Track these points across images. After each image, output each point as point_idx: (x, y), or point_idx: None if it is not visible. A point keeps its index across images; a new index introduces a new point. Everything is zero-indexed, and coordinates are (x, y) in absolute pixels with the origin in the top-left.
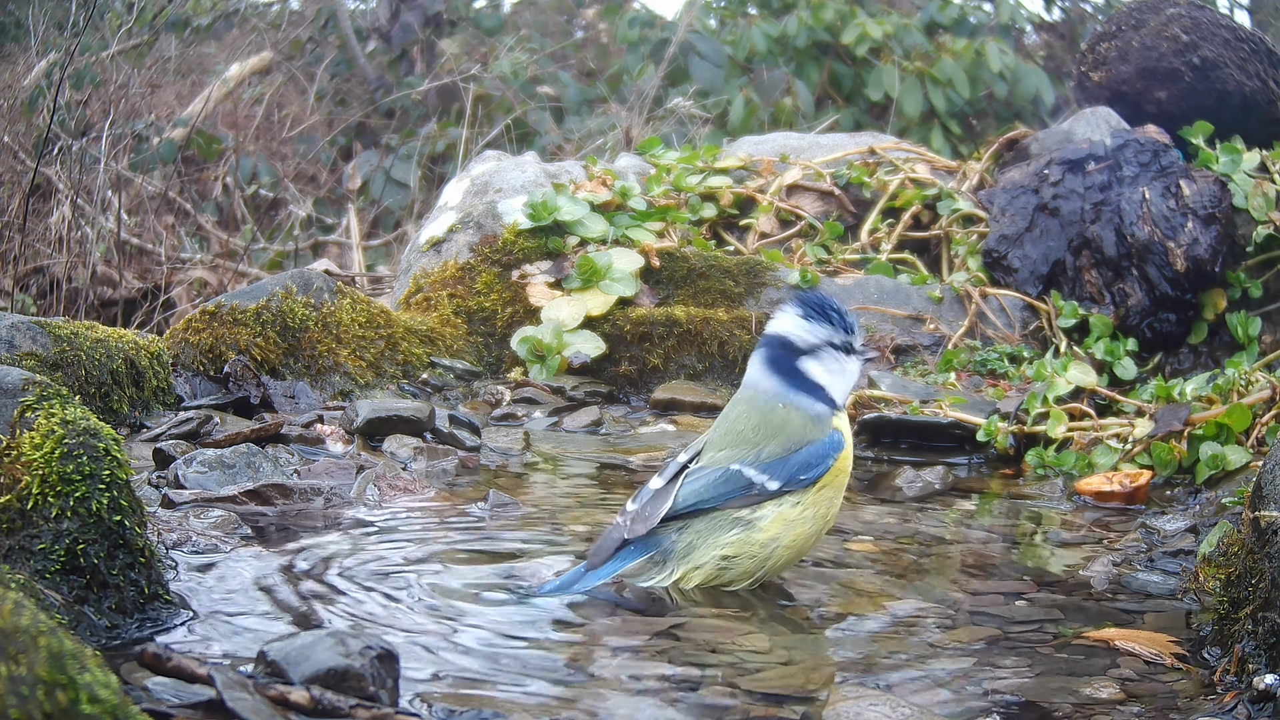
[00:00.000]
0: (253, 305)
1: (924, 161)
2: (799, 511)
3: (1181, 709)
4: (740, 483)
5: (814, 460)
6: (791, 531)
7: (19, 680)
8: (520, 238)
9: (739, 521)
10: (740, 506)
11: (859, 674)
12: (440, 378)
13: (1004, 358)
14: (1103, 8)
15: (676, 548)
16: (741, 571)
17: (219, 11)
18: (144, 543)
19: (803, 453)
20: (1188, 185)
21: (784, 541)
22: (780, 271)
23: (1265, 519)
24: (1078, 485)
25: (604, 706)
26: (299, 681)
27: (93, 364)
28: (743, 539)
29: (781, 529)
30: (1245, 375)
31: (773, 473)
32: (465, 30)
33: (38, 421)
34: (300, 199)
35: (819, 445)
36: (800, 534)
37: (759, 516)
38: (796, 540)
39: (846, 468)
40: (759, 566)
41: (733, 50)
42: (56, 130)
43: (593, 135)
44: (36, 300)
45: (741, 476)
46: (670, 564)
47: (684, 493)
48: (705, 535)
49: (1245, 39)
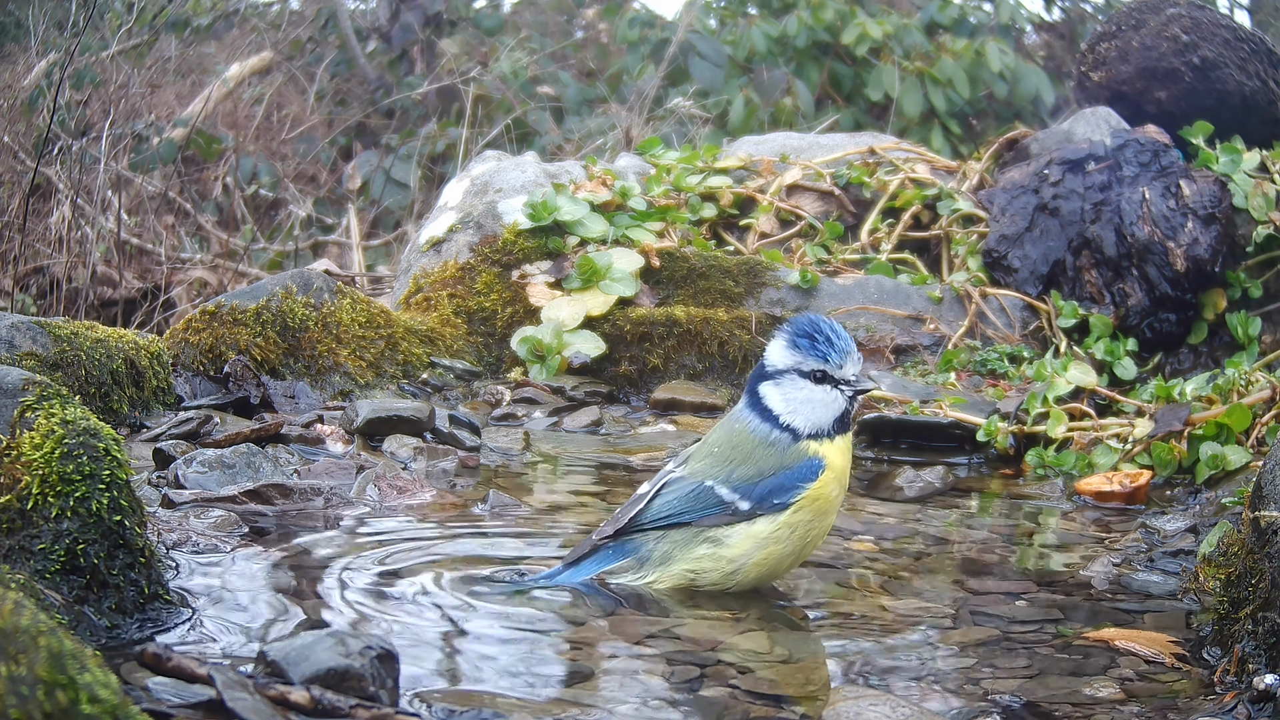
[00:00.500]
0: (253, 305)
1: (924, 161)
2: (770, 532)
3: (1181, 709)
4: (712, 499)
5: (786, 485)
6: (761, 552)
7: (19, 680)
8: (520, 238)
9: (710, 538)
10: (713, 524)
11: (859, 674)
12: (440, 378)
13: (1004, 358)
14: (1103, 8)
15: (654, 555)
16: (708, 583)
17: (219, 11)
18: (144, 543)
19: (774, 478)
20: (1188, 185)
21: (752, 560)
22: (780, 271)
23: (1265, 519)
24: (1078, 485)
25: (604, 706)
26: (299, 681)
27: (93, 364)
28: (712, 554)
29: (750, 548)
30: (1245, 375)
31: (744, 494)
32: (465, 30)
33: (38, 421)
34: (300, 199)
35: (792, 472)
36: (770, 554)
37: (728, 535)
38: (766, 560)
39: (824, 495)
40: (726, 580)
41: (733, 50)
42: (56, 130)
43: (593, 135)
44: (36, 300)
45: (713, 494)
46: (645, 568)
47: (658, 503)
48: (679, 546)
49: (1245, 39)
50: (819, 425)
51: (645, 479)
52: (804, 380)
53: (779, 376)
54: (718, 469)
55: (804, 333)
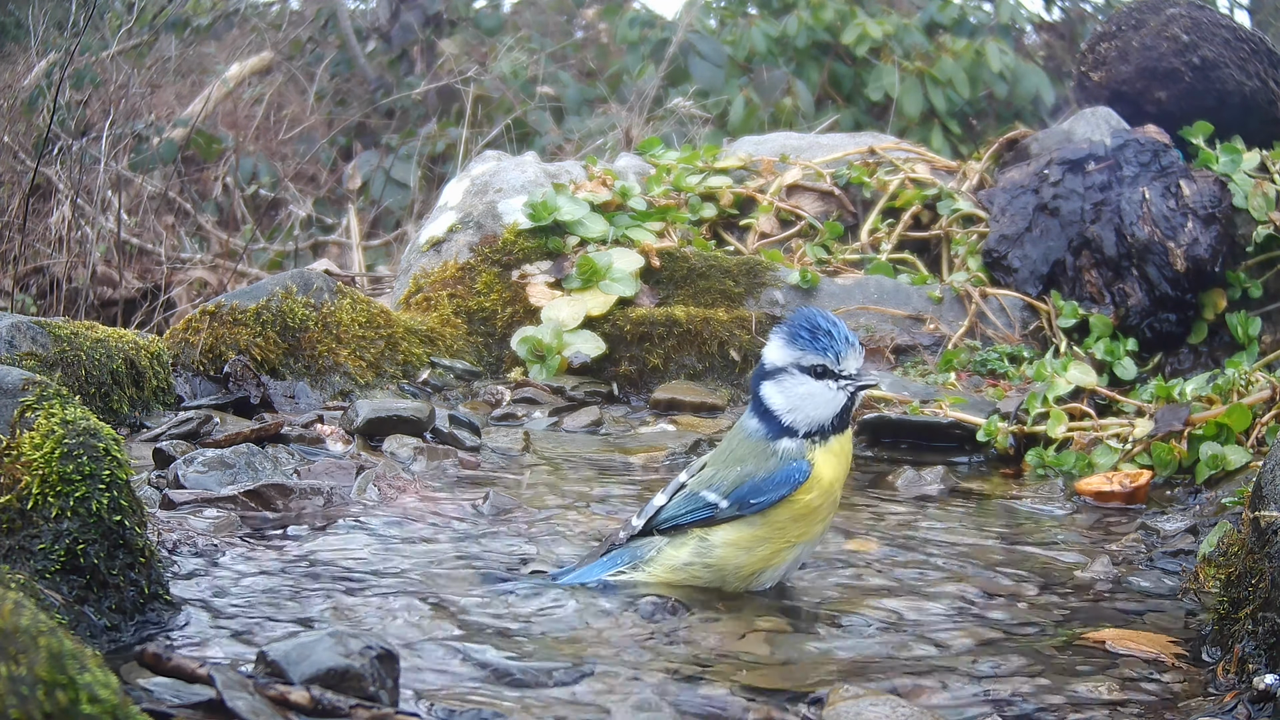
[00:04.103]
0: (253, 305)
1: (924, 161)
2: (750, 534)
3: (1181, 709)
4: (700, 503)
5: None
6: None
7: (19, 680)
8: (520, 238)
9: (698, 538)
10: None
11: (859, 674)
12: (440, 378)
13: (1004, 358)
14: (1103, 8)
15: (652, 556)
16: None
17: (219, 11)
18: (144, 543)
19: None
20: (1188, 185)
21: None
22: (780, 271)
23: (1265, 519)
24: (1078, 485)
25: (604, 706)
26: (299, 681)
27: (93, 364)
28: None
29: (729, 552)
30: (1245, 375)
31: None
32: (465, 30)
33: (38, 421)
34: (300, 199)
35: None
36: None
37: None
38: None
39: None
40: (715, 580)
41: (733, 50)
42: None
43: (593, 135)
44: (36, 300)
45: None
46: (642, 568)
47: (667, 509)
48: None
49: (1245, 39)
50: (818, 422)
51: (646, 479)
52: (804, 375)
53: (779, 374)
54: (713, 473)
55: (803, 327)
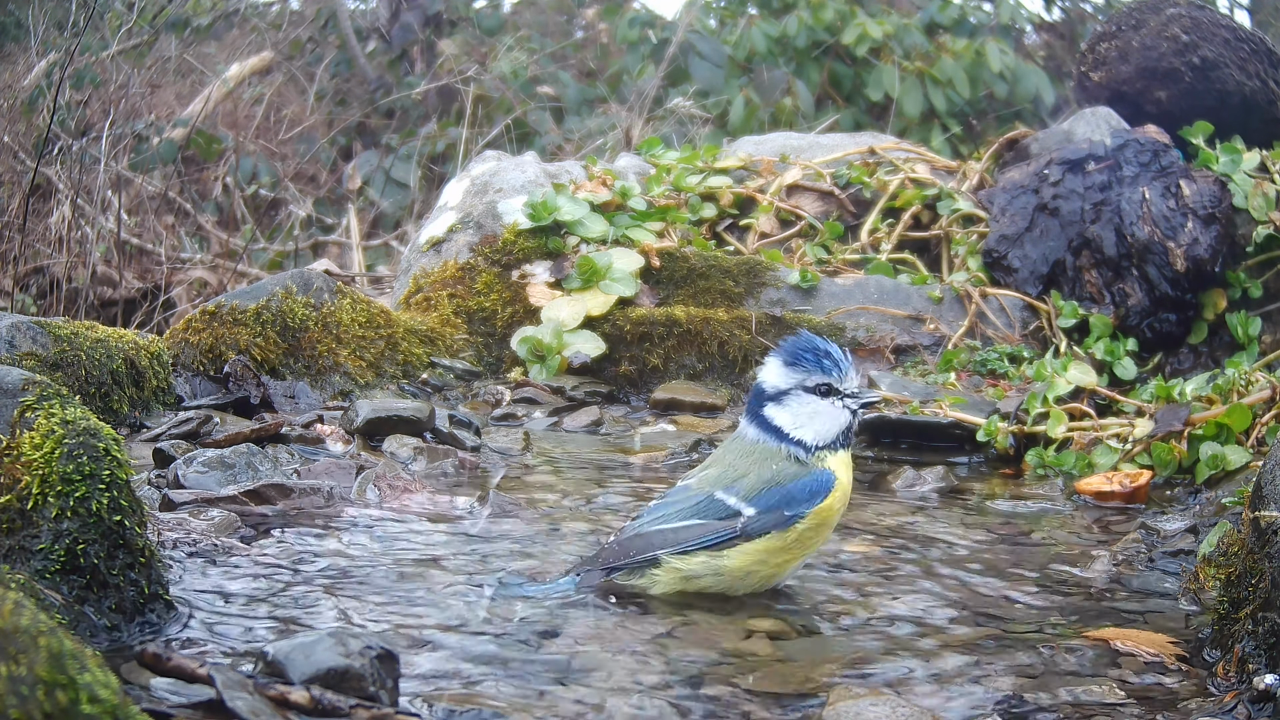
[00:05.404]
0: (253, 305)
1: (924, 161)
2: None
3: (1181, 709)
4: (720, 508)
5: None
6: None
7: (19, 680)
8: (520, 238)
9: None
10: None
11: (859, 674)
12: (440, 378)
13: (1004, 358)
14: (1103, 8)
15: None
16: (707, 589)
17: (219, 11)
18: (144, 543)
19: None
20: (1188, 185)
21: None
22: (780, 271)
23: (1265, 519)
24: (1078, 485)
25: (604, 706)
26: (299, 681)
27: (93, 364)
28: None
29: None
30: (1245, 375)
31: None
32: (465, 30)
33: (38, 421)
34: (300, 199)
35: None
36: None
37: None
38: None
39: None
40: (724, 586)
41: (733, 50)
42: (56, 130)
43: (593, 135)
44: (36, 300)
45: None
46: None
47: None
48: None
49: (1245, 39)
50: (826, 438)
51: (646, 479)
52: (810, 395)
53: (783, 397)
54: (725, 478)
55: (805, 350)
